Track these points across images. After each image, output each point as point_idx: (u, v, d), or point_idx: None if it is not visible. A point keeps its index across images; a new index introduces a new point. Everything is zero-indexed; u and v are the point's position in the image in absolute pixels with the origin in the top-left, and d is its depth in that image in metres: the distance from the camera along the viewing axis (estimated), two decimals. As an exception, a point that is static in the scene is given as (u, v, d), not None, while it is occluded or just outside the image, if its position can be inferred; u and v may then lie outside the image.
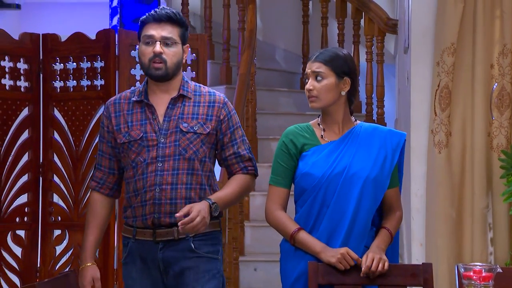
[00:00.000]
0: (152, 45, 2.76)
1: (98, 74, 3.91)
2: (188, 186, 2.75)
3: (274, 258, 4.76)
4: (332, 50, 2.76)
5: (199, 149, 2.77)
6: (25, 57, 3.93)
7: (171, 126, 2.77)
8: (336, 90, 2.70)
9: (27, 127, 3.94)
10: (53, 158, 3.97)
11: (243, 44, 5.30)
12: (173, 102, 2.80)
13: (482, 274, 2.23)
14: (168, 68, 2.76)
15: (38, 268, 3.95)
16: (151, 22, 2.78)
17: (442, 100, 3.96)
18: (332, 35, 5.98)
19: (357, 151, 2.69)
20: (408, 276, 2.62)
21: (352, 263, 2.60)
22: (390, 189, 2.73)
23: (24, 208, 3.93)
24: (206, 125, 2.79)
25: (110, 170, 2.88)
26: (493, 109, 3.94)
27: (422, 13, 4.07)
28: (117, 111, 2.83)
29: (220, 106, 2.82)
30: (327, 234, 2.66)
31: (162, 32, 2.76)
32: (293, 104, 5.91)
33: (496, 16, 3.93)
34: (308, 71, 2.72)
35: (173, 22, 2.78)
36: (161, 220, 2.74)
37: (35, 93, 3.95)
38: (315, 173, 2.68)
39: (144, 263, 2.77)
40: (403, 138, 2.74)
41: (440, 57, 3.96)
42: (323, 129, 2.75)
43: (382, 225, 2.73)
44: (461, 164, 3.94)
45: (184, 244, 2.74)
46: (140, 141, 2.77)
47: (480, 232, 3.91)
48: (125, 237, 2.83)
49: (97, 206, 2.88)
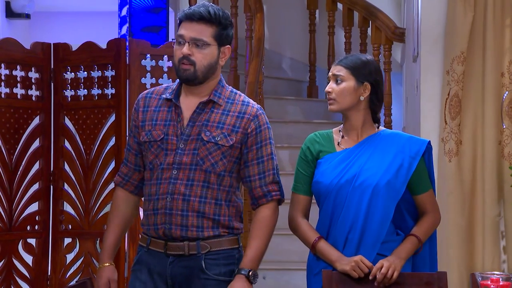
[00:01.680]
0: (183, 46, 2.55)
1: (108, 83, 3.86)
2: (202, 200, 2.54)
3: (283, 266, 4.75)
4: (355, 55, 2.72)
5: (218, 162, 2.54)
6: (37, 66, 3.89)
7: (194, 132, 2.55)
8: (355, 94, 2.65)
9: (38, 136, 3.91)
10: (63, 167, 3.93)
11: (250, 52, 5.26)
12: (202, 106, 2.57)
13: (500, 283, 2.19)
14: (197, 71, 2.54)
15: (48, 276, 3.91)
16: (184, 20, 2.57)
17: (452, 109, 3.91)
18: (339, 43, 5.94)
19: (370, 158, 2.64)
20: (423, 284, 2.58)
21: (366, 270, 2.56)
22: (420, 194, 2.68)
23: (35, 217, 3.89)
24: (230, 136, 2.55)
25: (136, 166, 2.67)
26: (504, 118, 3.89)
27: (432, 22, 4.02)
28: (146, 106, 2.64)
29: (249, 118, 2.56)
30: (340, 242, 2.63)
31: (192, 32, 2.53)
32: (300, 112, 5.87)
33: (506, 25, 3.89)
34: (330, 74, 2.69)
35: (206, 21, 2.53)
36: (172, 231, 2.55)
37: (46, 102, 3.91)
38: (323, 181, 2.65)
39: (150, 276, 2.58)
40: (424, 145, 2.66)
41: (450, 65, 3.91)
42: (341, 136, 2.70)
43: (411, 231, 2.67)
44: (471, 173, 3.89)
45: (195, 261, 2.54)
46: (160, 142, 2.57)
47: (492, 240, 3.86)
48: (140, 245, 2.66)
49: (120, 203, 2.68)
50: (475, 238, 3.86)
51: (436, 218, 2.70)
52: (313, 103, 5.99)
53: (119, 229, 2.68)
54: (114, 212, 2.69)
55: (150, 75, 3.87)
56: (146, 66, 3.86)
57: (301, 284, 4.55)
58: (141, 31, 5.23)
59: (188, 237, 2.52)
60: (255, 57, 4.94)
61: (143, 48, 3.86)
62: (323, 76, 6.08)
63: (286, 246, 4.75)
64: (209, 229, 2.55)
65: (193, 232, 2.53)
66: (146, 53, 3.86)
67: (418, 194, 2.69)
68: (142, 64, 3.86)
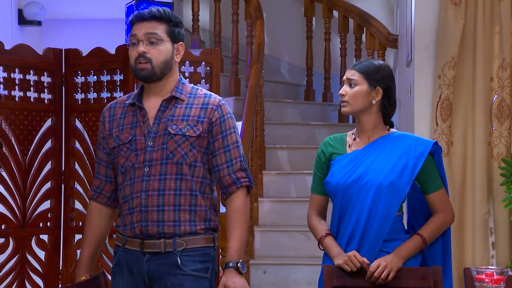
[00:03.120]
0: (137, 46, 2.49)
1: (117, 86, 3.88)
2: (177, 192, 2.46)
3: (282, 261, 4.78)
4: (369, 60, 2.73)
5: (187, 153, 2.47)
6: (49, 71, 3.91)
7: (160, 128, 2.49)
8: (367, 98, 2.66)
9: (50, 137, 3.92)
10: (74, 167, 3.95)
11: (251, 57, 5.29)
12: (165, 104, 2.52)
13: (494, 277, 2.20)
14: (155, 67, 2.47)
15: (60, 271, 3.93)
16: (135, 22, 2.52)
17: (443, 111, 3.94)
18: (335, 49, 5.97)
19: (376, 159, 2.65)
20: (419, 278, 2.58)
21: (358, 265, 2.57)
22: (431, 193, 2.66)
23: (47, 214, 3.91)
24: (196, 127, 2.49)
25: (106, 178, 2.61)
26: (493, 120, 3.92)
27: (424, 29, 4.06)
28: (111, 116, 2.59)
29: (213, 108, 2.51)
30: (346, 240, 2.65)
31: (145, 29, 2.47)
32: (298, 115, 5.90)
33: (496, 32, 3.92)
34: (344, 78, 2.71)
35: (158, 19, 2.49)
36: (148, 228, 2.47)
37: (57, 104, 3.93)
38: (332, 181, 2.67)
39: (131, 274, 2.51)
40: (429, 146, 2.65)
41: (441, 70, 3.94)
42: (353, 139, 2.72)
43: (418, 230, 2.66)
44: (462, 172, 3.92)
45: (171, 258, 2.46)
46: (128, 144, 2.51)
47: (481, 236, 3.89)
48: (116, 245, 2.57)
49: (94, 216, 2.62)
50: (466, 234, 3.89)
51: (447, 217, 2.67)
52: (310, 106, 6.02)
53: (94, 242, 2.61)
54: (88, 225, 2.62)
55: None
56: (153, 70, 3.88)
57: (300, 278, 4.60)
58: (147, 37, 5.22)
59: (165, 233, 2.47)
60: (255, 62, 4.97)
61: (150, 53, 3.88)
62: (319, 80, 6.12)
63: (284, 242, 4.79)
64: (186, 223, 2.48)
65: (169, 228, 2.46)
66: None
67: (429, 194, 2.67)
68: (149, 68, 3.88)
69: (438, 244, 2.70)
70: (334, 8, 5.91)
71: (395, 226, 2.64)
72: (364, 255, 2.59)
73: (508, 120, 3.91)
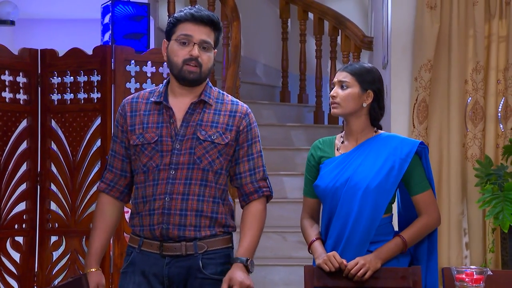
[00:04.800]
0: (189, 47, 2.44)
1: (94, 87, 3.87)
2: (200, 198, 2.46)
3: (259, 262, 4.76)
4: (360, 63, 2.73)
5: (215, 160, 2.48)
6: (24, 71, 3.88)
7: (188, 132, 2.47)
8: (358, 101, 2.66)
9: (26, 138, 3.90)
10: (50, 168, 3.93)
11: (227, 59, 5.29)
12: (193, 107, 2.49)
13: (474, 276, 2.24)
14: (202, 73, 2.46)
15: (35, 273, 3.90)
16: (190, 21, 2.45)
17: (420, 113, 3.98)
18: (310, 51, 6.00)
19: (363, 162, 2.65)
20: (399, 278, 2.60)
21: (337, 265, 2.58)
22: (416, 195, 2.65)
23: (23, 215, 3.88)
24: (225, 135, 2.49)
25: (122, 172, 2.56)
26: (468, 122, 3.97)
27: (401, 32, 4.10)
28: (134, 111, 2.53)
29: (241, 116, 2.51)
30: (334, 242, 2.66)
31: (202, 35, 2.44)
32: (274, 116, 5.92)
33: (470, 36, 3.98)
34: (335, 80, 2.69)
35: (212, 26, 2.47)
36: (169, 231, 2.46)
37: (33, 105, 3.90)
38: (321, 185, 2.68)
39: (144, 277, 2.49)
40: (415, 147, 2.64)
41: (418, 73, 3.99)
42: (342, 142, 2.73)
43: (400, 232, 2.66)
44: (438, 173, 3.96)
45: (192, 261, 2.46)
46: (154, 144, 2.47)
47: (456, 237, 3.93)
48: (130, 246, 2.55)
49: (106, 209, 2.56)
50: (441, 235, 3.92)
51: (431, 219, 2.65)
52: (286, 107, 6.04)
53: (105, 235, 2.57)
54: (100, 218, 2.57)
55: (134, 80, 3.89)
56: (131, 71, 3.89)
57: (277, 279, 4.61)
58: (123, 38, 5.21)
59: (185, 237, 2.46)
60: (232, 63, 4.97)
61: (127, 54, 3.89)
62: (295, 81, 6.15)
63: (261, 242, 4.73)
64: (206, 228, 2.48)
65: (190, 232, 2.46)
66: (131, 59, 3.89)
67: (414, 195, 2.65)
68: (127, 69, 3.88)
69: (424, 244, 2.70)
70: (309, 10, 5.94)
71: (383, 227, 2.65)
72: (351, 256, 2.60)
73: (482, 122, 3.97)
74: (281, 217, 4.90)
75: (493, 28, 3.96)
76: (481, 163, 3.87)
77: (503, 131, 3.96)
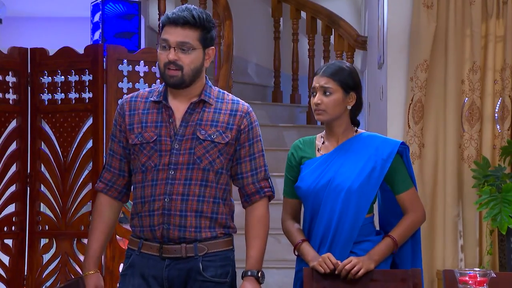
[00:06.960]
0: (168, 50, 2.45)
1: (86, 87, 3.84)
2: (201, 199, 2.46)
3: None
4: (336, 63, 2.71)
5: (215, 160, 2.47)
6: (14, 70, 3.84)
7: (188, 132, 2.47)
8: (343, 105, 2.68)
9: (16, 139, 3.86)
10: (40, 169, 3.89)
11: (219, 58, 5.27)
12: (193, 107, 2.50)
13: (477, 278, 2.24)
14: (184, 75, 2.45)
15: (25, 276, 3.86)
16: (167, 24, 2.46)
17: (416, 114, 3.98)
18: (303, 50, 5.99)
19: (344, 163, 2.67)
20: (399, 281, 2.61)
21: (332, 266, 2.59)
22: (400, 193, 2.68)
23: (12, 218, 3.84)
24: (225, 134, 2.48)
25: (120, 172, 2.56)
26: (464, 122, 3.97)
27: (397, 32, 4.09)
28: (132, 110, 2.53)
29: (242, 115, 2.51)
30: (318, 243, 2.68)
31: (178, 37, 2.44)
32: (266, 116, 5.90)
33: (467, 35, 3.97)
34: (316, 85, 2.67)
35: (191, 26, 2.44)
36: (170, 232, 2.46)
37: (23, 105, 3.87)
38: (302, 186, 2.69)
39: (144, 280, 2.48)
40: (396, 147, 2.67)
41: (414, 73, 3.98)
42: (322, 142, 2.73)
43: (390, 232, 2.68)
44: (433, 175, 3.96)
45: (192, 263, 2.46)
46: (153, 144, 2.47)
47: (452, 239, 3.93)
48: (129, 249, 2.54)
49: (105, 210, 2.56)
50: (436, 237, 3.93)
51: (418, 216, 2.68)
52: (278, 107, 6.03)
53: (104, 236, 2.57)
54: (98, 219, 2.57)
55: (126, 79, 3.86)
56: (123, 71, 3.85)
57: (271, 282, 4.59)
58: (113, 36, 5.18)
59: (186, 239, 2.46)
60: (224, 62, 4.95)
61: (120, 53, 3.86)
62: (287, 81, 6.13)
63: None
64: (207, 229, 2.49)
65: (191, 233, 2.46)
66: (123, 59, 3.86)
67: (398, 194, 2.69)
68: (119, 69, 3.85)
69: (407, 245, 2.72)
70: (302, 9, 5.93)
71: (365, 228, 2.67)
72: (336, 257, 2.61)
73: (479, 122, 3.97)
74: (275, 219, 4.84)
75: (490, 28, 3.97)
76: (479, 164, 3.87)
77: (500, 132, 3.96)
